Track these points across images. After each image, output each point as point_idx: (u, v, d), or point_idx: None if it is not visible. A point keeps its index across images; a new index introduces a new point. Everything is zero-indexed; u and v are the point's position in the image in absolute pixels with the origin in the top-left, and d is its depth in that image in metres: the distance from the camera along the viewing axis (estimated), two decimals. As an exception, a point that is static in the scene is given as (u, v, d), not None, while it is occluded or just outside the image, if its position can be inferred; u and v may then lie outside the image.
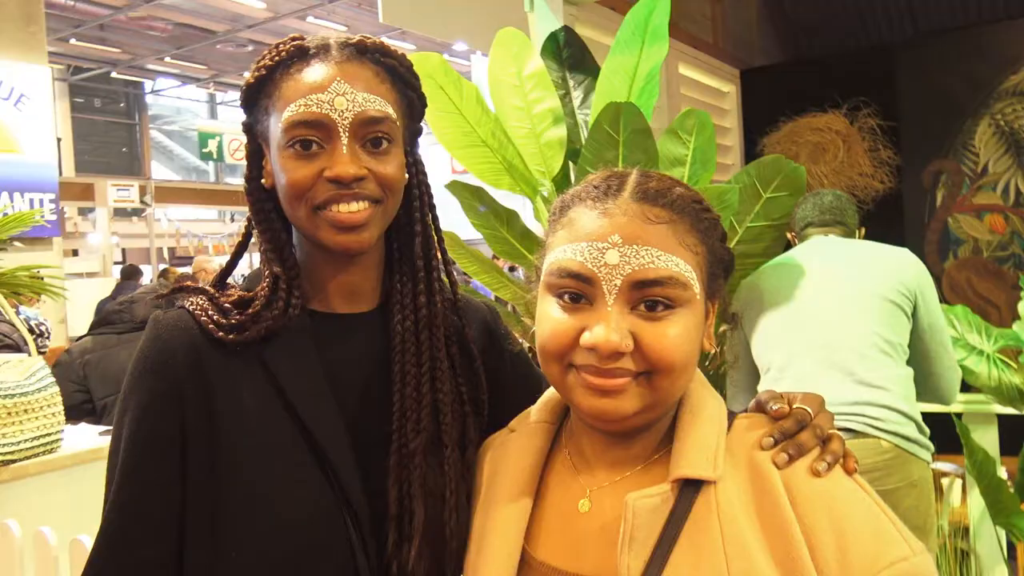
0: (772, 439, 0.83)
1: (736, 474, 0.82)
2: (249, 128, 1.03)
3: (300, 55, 0.97)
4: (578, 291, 0.82)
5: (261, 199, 1.02)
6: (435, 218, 1.10)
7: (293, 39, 0.99)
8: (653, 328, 0.80)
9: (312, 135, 0.94)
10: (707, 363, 2.17)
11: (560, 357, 0.83)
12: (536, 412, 0.99)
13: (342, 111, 0.93)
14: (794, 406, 0.87)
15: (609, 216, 0.83)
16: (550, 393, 1.00)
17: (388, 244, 1.07)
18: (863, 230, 2.52)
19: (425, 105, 1.07)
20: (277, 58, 0.97)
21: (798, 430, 0.84)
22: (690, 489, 0.81)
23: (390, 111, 0.97)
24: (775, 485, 0.80)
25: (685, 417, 0.87)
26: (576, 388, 0.84)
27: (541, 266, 0.90)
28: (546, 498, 0.92)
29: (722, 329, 2.27)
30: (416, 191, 1.06)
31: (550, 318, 0.84)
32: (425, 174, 1.09)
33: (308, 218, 0.96)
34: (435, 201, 1.11)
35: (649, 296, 0.81)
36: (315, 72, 0.95)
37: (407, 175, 1.04)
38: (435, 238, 1.08)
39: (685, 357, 0.82)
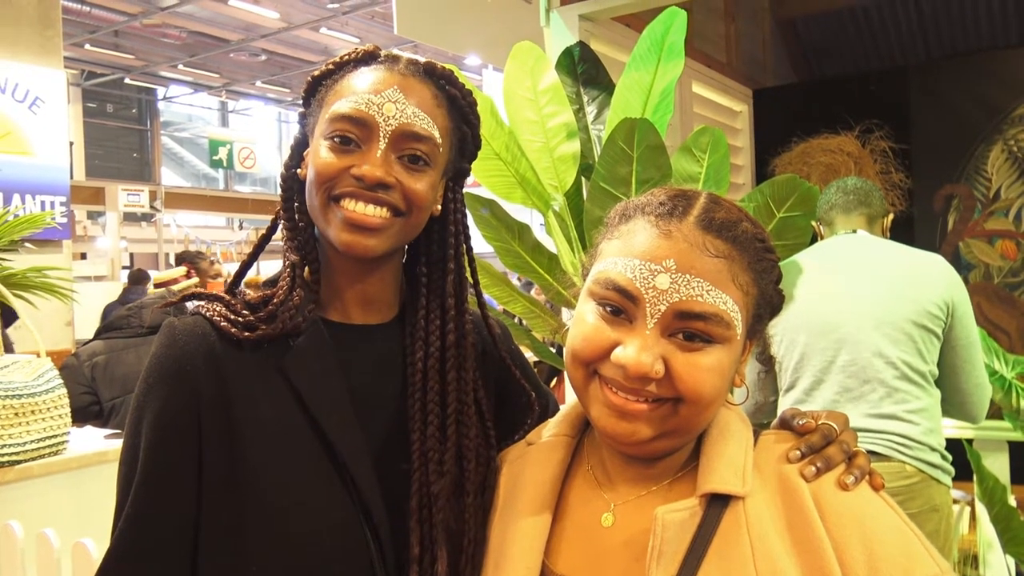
0: (799, 452, 0.83)
1: (765, 490, 0.82)
2: (302, 119, 1.04)
3: (368, 60, 0.99)
4: (620, 306, 0.81)
5: (292, 188, 1.03)
6: (469, 249, 1.08)
7: (369, 47, 1.01)
8: (686, 358, 0.79)
9: (353, 131, 0.94)
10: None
11: (587, 364, 0.83)
12: (556, 425, 0.98)
13: (388, 117, 0.94)
14: (819, 422, 0.86)
15: (669, 239, 0.81)
16: (570, 406, 0.99)
17: (415, 270, 1.06)
18: (890, 217, 2.42)
19: (479, 147, 1.07)
20: (347, 58, 1.00)
21: (825, 444, 0.84)
22: (718, 504, 0.81)
23: (435, 133, 0.97)
24: (805, 501, 0.79)
25: (712, 434, 0.86)
26: (596, 402, 0.83)
27: (589, 267, 0.88)
28: (567, 512, 0.91)
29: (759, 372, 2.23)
30: (453, 228, 1.05)
31: (586, 324, 0.83)
32: (464, 213, 1.08)
33: (323, 207, 0.96)
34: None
35: (689, 328, 0.80)
36: (375, 75, 0.97)
37: (443, 209, 1.04)
38: (468, 272, 1.07)
39: (714, 391, 0.80)
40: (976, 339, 2.16)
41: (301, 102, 1.05)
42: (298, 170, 1.02)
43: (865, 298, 2.15)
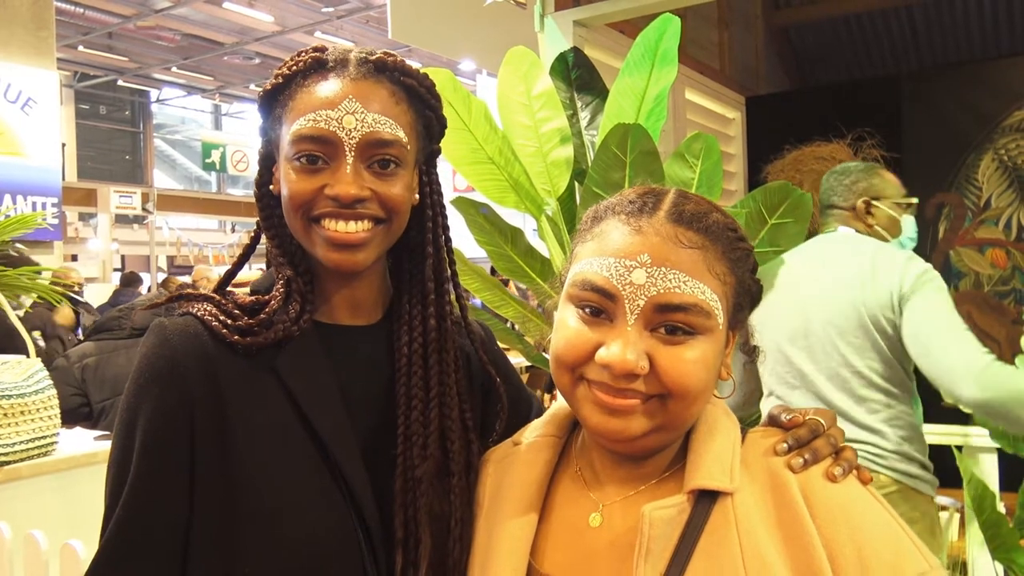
0: (787, 445, 0.83)
1: (753, 486, 0.82)
2: (264, 133, 1.02)
3: (318, 67, 0.96)
4: (600, 306, 0.81)
5: (270, 204, 1.01)
6: (448, 239, 1.08)
7: (315, 49, 0.98)
8: (670, 352, 0.79)
9: (318, 151, 0.93)
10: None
11: (572, 368, 0.83)
12: (543, 425, 0.98)
13: (350, 130, 0.92)
14: (807, 417, 0.87)
15: (641, 234, 0.81)
16: (557, 407, 0.99)
17: (399, 263, 1.06)
18: (861, 203, 2.27)
19: (445, 126, 1.06)
20: (295, 67, 0.96)
21: (812, 438, 0.84)
22: (706, 500, 0.81)
23: (401, 134, 0.95)
24: (794, 497, 0.79)
25: (699, 431, 0.86)
26: (585, 403, 0.83)
27: (567, 273, 0.88)
28: (553, 512, 0.91)
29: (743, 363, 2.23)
30: (430, 212, 1.05)
31: (568, 328, 0.83)
32: (441, 195, 1.07)
33: (304, 230, 0.95)
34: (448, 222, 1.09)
35: (670, 321, 0.79)
36: (328, 87, 0.94)
37: (419, 196, 1.03)
38: (447, 260, 1.07)
39: (700, 384, 0.80)
40: (941, 324, 1.96)
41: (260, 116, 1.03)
42: (271, 187, 1.01)
43: (827, 306, 2.11)
